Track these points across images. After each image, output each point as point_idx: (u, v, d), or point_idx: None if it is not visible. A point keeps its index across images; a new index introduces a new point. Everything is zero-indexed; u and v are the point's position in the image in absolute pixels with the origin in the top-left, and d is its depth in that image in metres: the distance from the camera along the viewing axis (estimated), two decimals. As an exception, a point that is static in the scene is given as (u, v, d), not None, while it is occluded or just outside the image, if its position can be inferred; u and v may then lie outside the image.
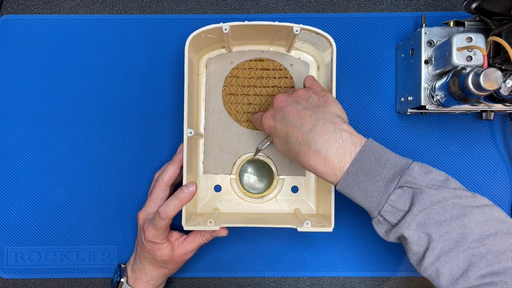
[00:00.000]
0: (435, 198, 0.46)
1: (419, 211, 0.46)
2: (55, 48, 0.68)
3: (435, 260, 0.46)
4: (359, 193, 0.48)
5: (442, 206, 0.46)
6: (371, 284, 0.67)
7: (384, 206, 0.47)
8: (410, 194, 0.47)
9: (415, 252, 0.47)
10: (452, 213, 0.46)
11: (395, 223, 0.47)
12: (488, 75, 0.46)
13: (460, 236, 0.45)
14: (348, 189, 0.48)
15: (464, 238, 0.45)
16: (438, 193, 0.46)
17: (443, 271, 0.46)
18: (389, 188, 0.47)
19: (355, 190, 0.48)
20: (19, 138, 0.67)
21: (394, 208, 0.47)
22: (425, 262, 0.46)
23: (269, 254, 0.67)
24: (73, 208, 0.67)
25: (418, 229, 0.46)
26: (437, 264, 0.46)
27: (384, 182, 0.47)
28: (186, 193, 0.56)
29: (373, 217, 0.49)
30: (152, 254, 0.59)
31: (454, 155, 0.66)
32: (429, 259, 0.46)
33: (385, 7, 0.68)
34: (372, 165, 0.47)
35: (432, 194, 0.46)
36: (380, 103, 0.67)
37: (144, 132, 0.67)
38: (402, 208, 0.47)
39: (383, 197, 0.47)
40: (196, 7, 0.68)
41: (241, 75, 0.64)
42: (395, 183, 0.47)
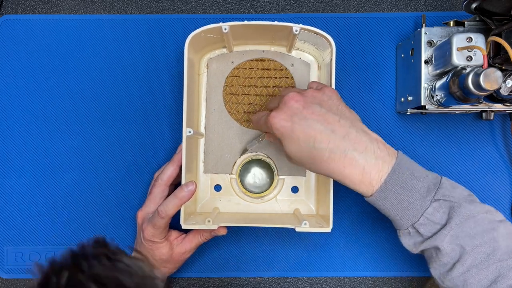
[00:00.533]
0: (470, 213, 0.47)
1: (456, 224, 0.47)
2: (55, 48, 0.68)
3: (465, 271, 0.47)
4: (395, 205, 0.48)
5: (475, 220, 0.47)
6: (371, 284, 0.67)
7: (420, 219, 0.47)
8: (446, 208, 0.47)
9: (443, 263, 0.48)
10: (483, 227, 0.47)
11: (428, 236, 0.48)
12: (488, 75, 0.46)
13: (491, 249, 0.47)
14: (383, 200, 0.48)
15: (495, 251, 0.47)
16: (473, 207, 0.47)
17: (471, 282, 0.47)
18: (426, 201, 0.47)
19: (390, 202, 0.48)
20: (19, 138, 0.67)
21: (430, 221, 0.48)
22: (454, 272, 0.47)
23: (269, 254, 0.67)
24: (73, 208, 0.67)
25: (452, 242, 0.47)
26: (466, 275, 0.47)
27: (419, 195, 0.47)
28: (185, 192, 0.56)
29: (403, 229, 0.49)
30: (151, 253, 0.59)
31: (454, 155, 0.66)
32: (458, 270, 0.47)
33: (385, 7, 0.68)
34: (408, 177, 0.47)
35: (468, 209, 0.47)
36: (380, 103, 0.67)
37: (144, 132, 0.67)
38: (439, 221, 0.47)
39: (419, 210, 0.47)
40: (196, 7, 0.69)
41: (242, 75, 0.64)
42: (431, 196, 0.47)
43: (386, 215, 0.50)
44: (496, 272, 0.46)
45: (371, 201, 0.49)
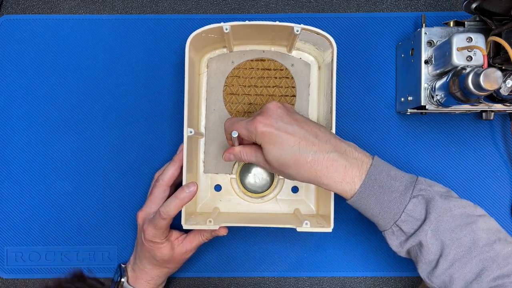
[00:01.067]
0: (446, 207, 0.48)
1: (435, 218, 0.48)
2: (55, 48, 0.68)
3: (449, 266, 0.48)
4: (376, 205, 0.49)
5: (452, 214, 0.48)
6: (371, 284, 0.67)
7: (401, 215, 0.49)
8: (424, 204, 0.48)
9: (428, 261, 0.49)
10: (461, 221, 0.48)
11: (411, 233, 0.49)
12: (488, 75, 0.46)
13: (472, 242, 0.47)
14: (365, 200, 0.49)
15: (476, 244, 0.47)
16: (448, 202, 0.48)
17: (457, 276, 0.47)
18: (405, 198, 0.49)
19: (371, 203, 0.49)
20: (19, 138, 0.67)
21: (411, 217, 0.49)
22: (439, 269, 0.48)
23: (269, 254, 0.67)
24: (73, 208, 0.67)
25: (433, 236, 0.48)
26: (451, 270, 0.48)
27: (398, 193, 0.49)
28: (187, 193, 0.56)
29: (386, 229, 0.50)
30: (152, 253, 0.59)
31: (454, 155, 0.66)
32: (442, 265, 0.48)
33: (385, 7, 0.68)
34: (385, 178, 0.49)
35: (443, 203, 0.48)
36: (380, 103, 0.67)
37: (145, 131, 0.67)
38: (419, 217, 0.49)
39: (400, 207, 0.49)
40: (196, 7, 0.69)
41: (242, 75, 0.64)
42: (409, 192, 0.49)
43: (369, 216, 0.51)
44: (480, 265, 0.47)
45: (353, 202, 0.50)
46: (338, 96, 0.66)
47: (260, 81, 0.64)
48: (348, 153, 0.50)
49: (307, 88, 0.64)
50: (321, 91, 0.63)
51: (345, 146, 0.50)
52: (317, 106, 0.64)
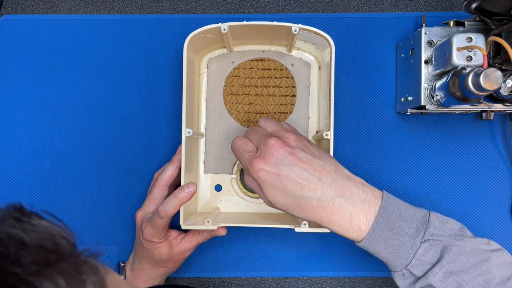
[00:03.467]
0: (461, 249, 0.47)
1: (448, 262, 0.46)
2: (55, 48, 0.68)
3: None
4: (385, 249, 0.48)
5: (466, 254, 0.47)
6: (371, 284, 0.67)
7: (412, 261, 0.47)
8: (437, 247, 0.47)
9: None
10: (475, 259, 0.47)
11: (421, 276, 0.48)
12: (488, 75, 0.46)
13: (486, 281, 0.46)
14: (374, 245, 0.48)
15: (490, 282, 0.46)
16: (464, 243, 0.47)
17: None
18: (415, 243, 0.47)
19: (380, 247, 0.48)
20: (19, 138, 0.67)
21: (422, 261, 0.47)
22: None
23: (269, 254, 0.67)
24: (73, 208, 0.67)
25: (446, 278, 0.47)
26: None
27: (409, 237, 0.47)
28: (186, 193, 0.56)
29: (397, 271, 0.49)
30: (150, 253, 0.59)
31: (454, 155, 0.66)
32: None
33: (385, 7, 0.68)
34: (395, 220, 0.47)
35: (459, 246, 0.47)
36: (380, 103, 0.67)
37: (144, 132, 0.67)
38: (430, 261, 0.47)
39: (410, 252, 0.47)
40: (196, 7, 0.69)
41: (242, 75, 0.64)
42: (420, 237, 0.47)
43: (379, 258, 0.49)
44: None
45: (361, 246, 0.49)
46: (338, 96, 0.66)
47: (260, 81, 0.64)
48: (355, 196, 0.47)
49: (307, 87, 0.64)
50: (321, 90, 0.63)
51: (352, 187, 0.47)
52: (317, 105, 0.64)
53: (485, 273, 0.47)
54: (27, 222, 0.33)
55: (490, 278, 0.46)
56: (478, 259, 0.47)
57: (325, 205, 0.47)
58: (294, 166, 0.47)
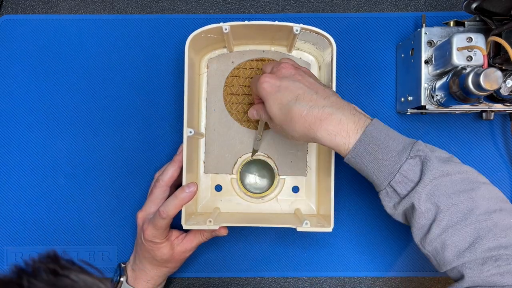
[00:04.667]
0: (445, 170, 0.46)
1: (430, 180, 0.46)
2: (55, 48, 0.68)
3: (442, 232, 0.46)
4: (370, 162, 0.48)
5: (451, 179, 0.46)
6: (371, 284, 0.67)
7: (396, 176, 0.47)
8: (420, 165, 0.47)
9: (421, 226, 0.47)
10: (460, 186, 0.46)
11: (404, 195, 0.47)
12: (488, 75, 0.46)
13: (468, 209, 0.45)
14: (359, 158, 0.48)
15: (472, 211, 0.45)
16: (447, 166, 0.47)
17: (449, 243, 0.45)
18: (401, 158, 0.47)
19: (366, 160, 0.48)
20: (19, 138, 0.67)
21: (406, 178, 0.47)
22: (431, 234, 0.46)
23: (269, 254, 0.67)
24: (73, 208, 0.67)
25: (427, 200, 0.46)
26: (443, 236, 0.46)
27: (395, 153, 0.47)
28: (187, 193, 0.56)
29: (381, 189, 0.49)
30: (151, 253, 0.59)
31: (454, 155, 0.66)
32: (435, 231, 0.46)
33: (385, 7, 0.68)
34: (382, 138, 0.48)
35: (441, 165, 0.47)
36: (380, 103, 0.67)
37: (144, 132, 0.67)
38: (413, 179, 0.47)
39: (395, 166, 0.47)
40: (196, 7, 0.69)
41: (242, 75, 0.64)
42: (406, 153, 0.47)
43: (365, 175, 0.50)
44: (474, 233, 0.45)
45: (348, 160, 0.49)
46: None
47: (260, 81, 0.64)
48: (346, 109, 0.49)
49: (307, 88, 0.64)
50: (321, 91, 0.63)
51: (345, 104, 0.50)
52: (317, 106, 0.64)
53: (468, 201, 0.46)
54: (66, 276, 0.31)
55: (473, 207, 0.46)
56: (463, 187, 0.46)
57: (314, 112, 0.48)
58: (295, 81, 0.50)
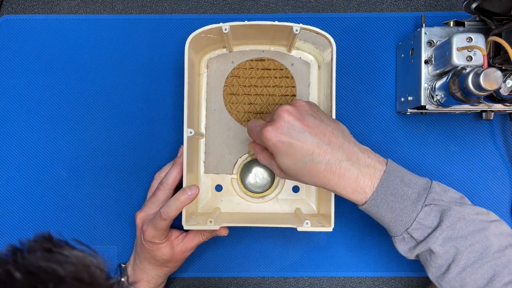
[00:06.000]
0: (460, 215, 0.48)
1: (447, 226, 0.48)
2: (55, 48, 0.68)
3: (460, 271, 0.48)
4: (387, 212, 0.49)
5: (465, 221, 0.48)
6: (371, 284, 0.67)
7: (413, 224, 0.49)
8: (437, 212, 0.49)
9: (439, 266, 0.49)
10: (474, 227, 0.48)
11: (421, 240, 0.49)
12: (488, 75, 0.46)
13: (484, 248, 0.48)
14: (376, 208, 0.49)
15: (488, 250, 0.47)
16: (463, 209, 0.49)
17: (468, 282, 0.47)
18: (417, 207, 0.48)
19: (383, 210, 0.49)
20: (19, 138, 0.67)
21: (423, 225, 0.49)
22: (450, 274, 0.48)
23: (269, 254, 0.67)
24: (73, 208, 0.67)
25: (445, 243, 0.48)
26: (462, 275, 0.48)
27: (411, 201, 0.49)
28: (188, 195, 0.56)
29: (397, 235, 0.50)
30: (152, 254, 0.59)
31: (454, 155, 0.66)
32: (454, 271, 0.48)
33: (385, 7, 0.68)
34: (398, 185, 0.49)
35: (458, 211, 0.48)
36: (380, 103, 0.67)
37: (145, 132, 0.67)
38: (431, 225, 0.49)
39: (411, 215, 0.49)
40: (196, 7, 0.69)
41: (242, 75, 0.64)
42: (422, 201, 0.48)
43: (380, 222, 0.51)
44: (491, 270, 0.47)
45: (364, 209, 0.50)
46: (338, 96, 0.66)
47: (260, 81, 0.64)
48: (361, 161, 0.49)
49: (307, 87, 0.64)
50: (321, 90, 0.63)
51: (358, 153, 0.49)
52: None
53: (483, 241, 0.48)
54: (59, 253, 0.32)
55: (488, 245, 0.48)
56: (477, 227, 0.48)
57: (333, 168, 0.48)
58: (304, 132, 0.48)
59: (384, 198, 0.49)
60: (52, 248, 0.32)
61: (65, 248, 0.33)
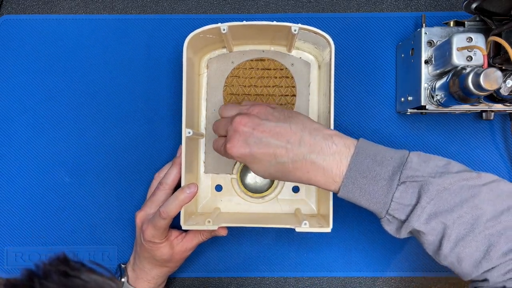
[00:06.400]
0: (441, 186, 0.45)
1: (427, 202, 0.45)
2: (55, 48, 0.68)
3: (453, 246, 0.45)
4: (362, 196, 0.47)
5: (450, 191, 0.45)
6: (371, 284, 0.67)
7: (391, 204, 0.46)
8: (415, 188, 0.46)
9: (431, 242, 0.46)
10: (461, 196, 0.45)
11: (404, 219, 0.47)
12: (488, 75, 0.46)
13: (474, 218, 0.45)
14: (351, 194, 0.48)
15: (479, 219, 0.44)
16: (443, 180, 0.46)
17: (463, 256, 0.45)
18: (392, 186, 0.46)
19: (357, 195, 0.48)
20: (18, 138, 0.67)
21: (401, 204, 0.46)
22: (443, 250, 0.46)
23: (269, 254, 0.67)
24: (73, 208, 0.67)
25: (430, 220, 0.45)
26: (456, 250, 0.45)
27: (385, 181, 0.47)
28: (187, 194, 0.56)
29: (382, 217, 0.48)
30: (151, 254, 0.59)
31: (454, 155, 0.66)
32: (446, 247, 0.45)
33: (385, 7, 0.68)
34: (369, 165, 0.47)
35: (437, 183, 0.45)
36: (380, 103, 0.67)
37: (144, 132, 0.67)
38: (409, 203, 0.46)
39: (387, 196, 0.46)
40: (196, 7, 0.69)
41: (242, 75, 0.64)
42: (396, 180, 0.46)
43: (363, 207, 0.49)
44: (486, 241, 0.44)
45: (341, 196, 0.49)
46: (338, 96, 0.66)
47: (260, 81, 0.64)
48: (325, 150, 0.47)
49: (307, 87, 0.64)
50: (321, 90, 0.63)
51: (320, 141, 0.48)
52: (317, 105, 0.64)
53: (472, 210, 0.45)
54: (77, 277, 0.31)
55: (479, 214, 0.44)
56: (464, 195, 0.45)
57: (298, 164, 0.48)
58: (262, 139, 0.48)
59: (355, 182, 0.47)
60: (69, 272, 0.32)
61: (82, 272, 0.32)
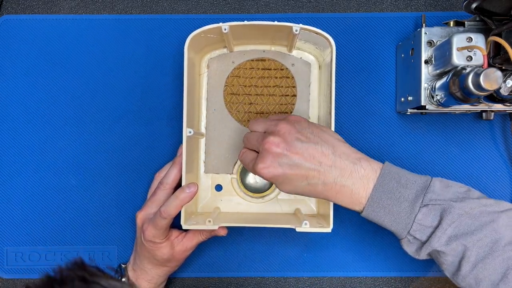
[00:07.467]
0: (462, 210, 0.48)
1: (449, 224, 0.47)
2: (55, 48, 0.68)
3: (472, 268, 0.47)
4: (386, 216, 0.50)
5: (470, 216, 0.48)
6: (371, 284, 0.67)
7: (413, 225, 0.49)
8: (437, 211, 0.48)
9: (450, 262, 0.49)
10: (481, 220, 0.48)
11: (425, 240, 0.49)
12: (488, 75, 0.46)
13: (493, 242, 0.47)
14: (374, 214, 0.50)
15: (498, 243, 0.47)
16: (465, 205, 0.48)
17: (481, 278, 0.47)
18: (415, 208, 0.49)
19: (381, 215, 0.50)
20: (19, 138, 0.67)
21: (423, 225, 0.49)
22: (462, 271, 0.48)
23: (269, 254, 0.67)
24: (73, 208, 0.67)
25: (451, 241, 0.48)
26: (474, 271, 0.47)
27: (408, 203, 0.49)
28: (187, 193, 0.56)
29: (402, 237, 0.50)
30: (152, 253, 0.59)
31: (454, 155, 0.66)
32: (465, 268, 0.47)
33: (385, 7, 0.68)
34: (394, 187, 0.49)
35: (459, 207, 0.48)
36: (380, 103, 0.67)
37: (145, 132, 0.67)
38: (431, 224, 0.48)
39: (410, 217, 0.49)
40: (196, 7, 0.69)
41: (242, 75, 0.64)
42: (419, 202, 0.49)
43: (384, 227, 0.51)
44: (504, 265, 0.46)
45: (365, 216, 0.51)
46: (338, 96, 0.66)
47: (261, 81, 0.64)
48: (354, 174, 0.49)
49: (307, 87, 0.64)
50: (321, 90, 0.63)
51: (350, 166, 0.50)
52: (317, 105, 0.64)
53: (491, 234, 0.47)
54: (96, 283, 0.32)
55: (498, 238, 0.47)
56: (483, 220, 0.47)
57: (329, 187, 0.50)
58: (294, 160, 0.49)
59: (380, 202, 0.49)
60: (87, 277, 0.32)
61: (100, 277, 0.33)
